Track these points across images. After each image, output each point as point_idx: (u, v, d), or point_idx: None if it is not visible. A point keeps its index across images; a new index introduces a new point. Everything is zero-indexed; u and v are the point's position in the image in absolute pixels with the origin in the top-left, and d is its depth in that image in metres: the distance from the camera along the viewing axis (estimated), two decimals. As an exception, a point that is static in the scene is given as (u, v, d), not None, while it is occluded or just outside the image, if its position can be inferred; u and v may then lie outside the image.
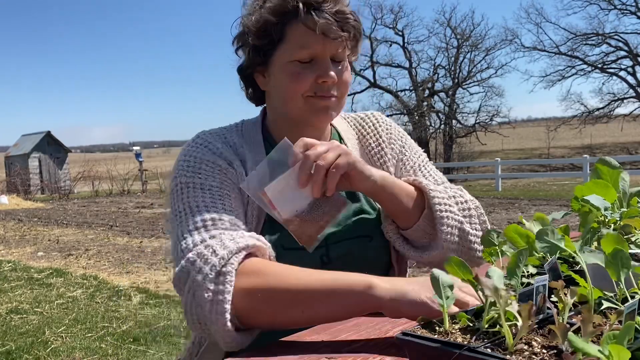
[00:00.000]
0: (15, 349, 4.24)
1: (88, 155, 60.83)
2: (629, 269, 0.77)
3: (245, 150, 1.22)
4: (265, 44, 1.17)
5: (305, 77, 1.15)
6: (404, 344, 0.70)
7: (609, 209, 1.07)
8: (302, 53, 1.15)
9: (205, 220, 1.04)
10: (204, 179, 1.11)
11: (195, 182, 1.10)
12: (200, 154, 1.16)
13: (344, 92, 1.22)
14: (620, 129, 35.59)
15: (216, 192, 1.10)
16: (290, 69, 1.16)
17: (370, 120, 1.39)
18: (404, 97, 33.16)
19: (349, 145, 1.33)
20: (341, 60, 1.19)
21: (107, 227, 12.31)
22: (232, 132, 1.26)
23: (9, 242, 10.50)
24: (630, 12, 30.17)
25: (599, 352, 0.52)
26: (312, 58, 1.16)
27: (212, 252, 0.96)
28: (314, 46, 1.14)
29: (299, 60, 1.15)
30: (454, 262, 0.79)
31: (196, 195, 1.08)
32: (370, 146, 1.35)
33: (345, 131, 1.37)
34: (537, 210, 11.56)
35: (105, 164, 28.87)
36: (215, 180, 1.12)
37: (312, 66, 1.16)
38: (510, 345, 0.62)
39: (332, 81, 1.16)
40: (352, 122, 1.40)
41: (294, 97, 1.17)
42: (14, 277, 6.99)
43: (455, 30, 32.91)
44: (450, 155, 31.59)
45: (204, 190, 1.09)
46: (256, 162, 1.18)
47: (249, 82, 1.28)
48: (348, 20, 1.15)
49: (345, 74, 1.21)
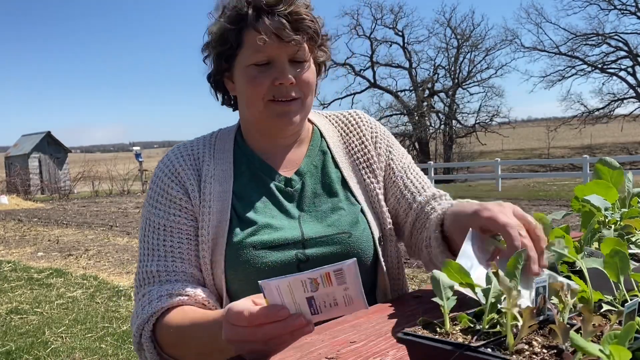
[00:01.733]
0: (15, 349, 4.24)
1: (88, 156, 60.88)
2: (627, 271, 0.77)
3: (208, 160, 1.28)
4: (226, 49, 1.21)
5: (261, 80, 1.17)
6: (405, 344, 0.70)
7: (609, 209, 1.07)
8: (257, 56, 1.17)
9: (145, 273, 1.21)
10: (157, 216, 1.24)
11: (151, 219, 1.25)
12: (161, 180, 1.26)
13: (307, 93, 1.22)
14: (620, 129, 35.60)
15: (162, 232, 1.23)
16: (248, 73, 1.19)
17: (353, 118, 1.40)
18: (404, 97, 33.19)
19: (331, 144, 1.35)
20: (302, 61, 1.20)
21: (107, 227, 12.30)
22: (203, 142, 1.32)
23: (8, 242, 10.50)
24: (630, 12, 30.18)
25: (600, 351, 0.52)
26: (269, 61, 1.18)
27: (135, 319, 1.16)
28: (269, 49, 1.16)
29: (255, 63, 1.18)
30: (451, 267, 0.79)
31: (148, 236, 1.24)
32: (353, 144, 1.36)
33: (327, 129, 1.38)
34: (537, 210, 11.57)
35: (105, 164, 28.90)
36: (164, 216, 1.23)
37: (269, 69, 1.18)
38: (511, 345, 0.62)
39: (289, 82, 1.17)
40: (334, 120, 1.41)
41: (254, 101, 1.20)
42: (14, 277, 6.99)
43: (455, 30, 32.95)
44: (450, 156, 31.59)
45: (155, 229, 1.24)
46: (221, 170, 1.26)
47: (220, 88, 1.31)
48: (303, 21, 1.16)
49: (307, 74, 1.21)
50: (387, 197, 1.35)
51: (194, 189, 1.24)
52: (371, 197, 1.32)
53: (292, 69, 1.19)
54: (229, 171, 1.27)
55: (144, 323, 1.13)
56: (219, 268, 1.19)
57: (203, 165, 1.27)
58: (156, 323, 1.14)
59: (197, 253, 1.22)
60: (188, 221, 1.23)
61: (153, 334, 1.14)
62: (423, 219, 1.27)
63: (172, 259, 1.21)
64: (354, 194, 1.30)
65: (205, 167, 1.27)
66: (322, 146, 1.35)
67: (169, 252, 1.21)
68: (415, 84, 32.81)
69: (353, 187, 1.31)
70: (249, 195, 1.25)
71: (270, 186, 1.27)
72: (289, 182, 1.28)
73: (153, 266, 1.21)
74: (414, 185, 1.34)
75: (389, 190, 1.35)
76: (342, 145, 1.36)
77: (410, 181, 1.34)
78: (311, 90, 1.24)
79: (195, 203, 1.23)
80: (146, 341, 1.13)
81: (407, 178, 1.35)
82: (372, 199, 1.32)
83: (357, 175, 1.33)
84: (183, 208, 1.23)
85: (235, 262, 1.18)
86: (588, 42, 31.39)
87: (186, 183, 1.24)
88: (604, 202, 1.06)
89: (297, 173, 1.29)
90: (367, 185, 1.33)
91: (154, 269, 1.20)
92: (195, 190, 1.24)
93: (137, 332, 1.14)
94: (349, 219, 1.25)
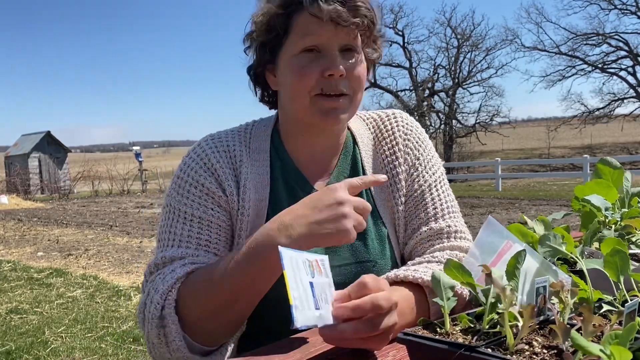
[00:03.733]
0: (15, 349, 4.24)
1: (88, 155, 60.88)
2: (627, 271, 0.77)
3: (246, 161, 1.16)
4: (271, 39, 1.11)
5: (310, 70, 1.07)
6: (406, 344, 0.70)
7: (609, 209, 1.07)
8: (305, 41, 1.07)
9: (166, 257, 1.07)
10: (189, 206, 1.11)
11: (182, 209, 1.11)
12: (194, 171, 1.14)
13: (356, 89, 1.11)
14: (621, 129, 35.58)
15: (196, 224, 1.10)
16: (295, 63, 1.08)
17: (389, 122, 1.26)
18: (404, 97, 33.19)
19: (363, 152, 1.23)
20: (353, 51, 1.10)
21: (107, 227, 12.30)
22: (239, 137, 1.20)
23: (8, 242, 10.50)
24: (631, 12, 30.18)
25: (601, 351, 0.52)
26: (318, 48, 1.07)
27: (153, 294, 1.01)
28: (320, 33, 1.06)
29: (304, 49, 1.07)
30: (452, 266, 0.79)
31: (176, 227, 1.11)
32: (384, 154, 1.24)
33: (362, 135, 1.26)
34: (537, 210, 11.57)
35: (105, 164, 28.90)
36: (198, 208, 1.11)
37: (318, 59, 1.07)
38: (511, 345, 0.62)
39: (340, 73, 1.06)
40: (370, 124, 1.28)
41: (300, 95, 1.09)
42: (13, 277, 6.99)
43: (456, 30, 32.94)
44: (450, 155, 31.59)
45: (186, 220, 1.11)
46: (258, 174, 1.16)
47: (260, 82, 1.20)
48: (359, 8, 1.06)
49: (358, 68, 1.10)
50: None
51: (232, 192, 1.13)
52: (396, 220, 1.21)
53: (343, 60, 1.08)
54: (266, 176, 1.17)
55: (168, 290, 1.00)
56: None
57: (241, 167, 1.16)
58: (181, 289, 1.00)
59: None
60: (226, 219, 1.12)
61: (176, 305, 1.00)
62: (412, 257, 1.18)
63: (205, 250, 1.09)
64: (380, 215, 1.20)
65: (243, 170, 1.15)
66: (355, 153, 1.24)
67: (202, 245, 1.09)
68: (415, 84, 32.80)
69: (380, 207, 1.20)
70: (282, 207, 1.11)
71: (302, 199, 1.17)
72: None
73: (178, 252, 1.07)
74: (426, 211, 1.19)
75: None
76: (374, 156, 1.24)
77: (423, 206, 1.19)
78: (361, 87, 1.12)
79: (233, 207, 1.13)
80: (171, 311, 0.98)
81: (421, 201, 1.20)
82: (396, 222, 1.21)
83: (384, 193, 1.22)
84: (222, 205, 1.12)
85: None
86: (588, 41, 31.40)
87: (224, 183, 1.13)
88: (604, 202, 1.06)
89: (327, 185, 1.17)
90: (392, 206, 1.21)
91: (177, 255, 1.06)
92: (234, 194, 1.13)
93: (158, 304, 0.99)
94: (376, 247, 1.17)
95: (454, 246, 1.14)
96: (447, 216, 1.19)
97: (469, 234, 1.21)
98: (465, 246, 1.14)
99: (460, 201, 1.64)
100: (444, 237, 1.16)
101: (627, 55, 30.77)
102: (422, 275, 1.01)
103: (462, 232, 1.18)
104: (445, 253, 1.12)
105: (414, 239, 1.18)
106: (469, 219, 9.89)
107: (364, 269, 1.15)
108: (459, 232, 1.18)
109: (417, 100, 32.44)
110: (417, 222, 1.19)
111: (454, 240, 1.16)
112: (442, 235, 1.16)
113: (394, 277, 1.03)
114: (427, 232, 1.17)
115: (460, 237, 1.17)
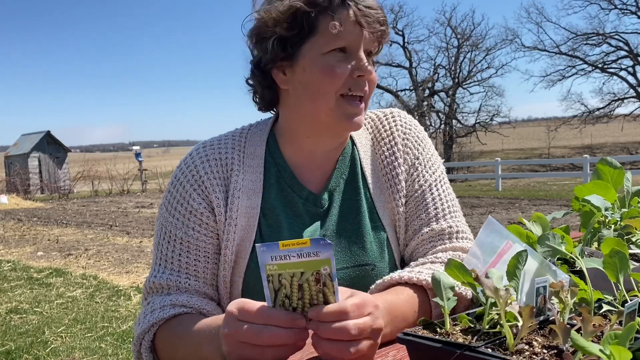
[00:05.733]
0: (15, 348, 4.24)
1: (88, 155, 60.90)
2: (627, 271, 0.77)
3: (237, 170, 1.16)
4: (293, 35, 1.07)
5: (342, 70, 1.06)
6: (406, 344, 0.70)
7: (609, 209, 1.07)
8: (337, 41, 1.06)
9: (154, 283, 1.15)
10: (174, 226, 1.15)
11: (168, 227, 1.16)
12: (182, 186, 1.16)
13: (371, 92, 1.13)
14: (621, 129, 35.59)
15: (178, 245, 1.15)
16: (325, 62, 1.06)
17: (387, 122, 1.25)
18: (404, 96, 33.18)
19: (362, 153, 1.22)
20: (372, 55, 1.12)
21: (107, 227, 12.30)
22: (232, 143, 1.18)
23: (8, 241, 10.49)
24: (631, 12, 30.18)
25: (601, 351, 0.52)
26: (346, 50, 1.07)
27: (139, 324, 1.11)
28: (351, 37, 1.06)
29: (335, 49, 1.06)
30: (453, 265, 0.79)
31: (163, 245, 1.17)
32: (383, 154, 1.22)
33: (360, 135, 1.25)
34: (537, 210, 11.56)
35: (105, 164, 28.87)
36: (182, 229, 1.14)
37: (347, 59, 1.07)
38: (510, 346, 0.62)
39: (369, 77, 1.09)
40: (368, 124, 1.27)
41: (326, 94, 1.07)
42: (13, 276, 6.99)
43: (456, 29, 32.93)
44: (450, 155, 31.58)
45: (171, 240, 1.15)
46: (251, 181, 1.15)
47: (266, 80, 1.14)
48: (379, 16, 1.09)
49: (374, 73, 1.12)
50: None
51: (220, 203, 1.13)
52: (396, 222, 1.19)
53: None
54: (259, 183, 1.16)
55: (144, 333, 1.09)
56: (237, 289, 1.14)
57: (232, 175, 1.15)
58: (157, 333, 1.09)
59: (214, 271, 1.15)
60: (208, 238, 1.14)
61: (153, 344, 1.09)
62: (414, 258, 1.17)
63: (185, 275, 1.14)
64: (380, 217, 1.18)
65: (234, 178, 1.15)
66: (354, 155, 1.23)
67: (183, 268, 1.14)
68: (415, 84, 32.79)
69: (379, 209, 1.19)
70: (276, 213, 1.15)
71: (297, 204, 1.16)
72: (317, 201, 1.17)
73: (164, 279, 1.13)
74: (427, 212, 1.18)
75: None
76: (373, 156, 1.23)
77: (423, 206, 1.18)
78: (373, 90, 1.14)
79: (219, 219, 1.13)
80: (145, 351, 1.09)
81: (421, 202, 1.19)
82: (397, 224, 1.19)
83: (383, 195, 1.20)
84: (204, 224, 1.14)
85: (252, 287, 1.12)
86: (588, 41, 31.38)
87: (211, 195, 1.13)
88: (604, 202, 1.06)
89: (325, 189, 1.18)
90: (393, 208, 1.19)
91: (164, 282, 1.13)
92: (221, 205, 1.13)
93: (137, 342, 1.10)
94: (375, 250, 1.16)
95: (457, 247, 1.14)
96: (448, 216, 1.18)
97: (471, 233, 1.20)
98: (468, 247, 1.14)
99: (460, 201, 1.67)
100: (446, 238, 1.15)
101: (627, 55, 30.77)
102: (427, 277, 1.02)
103: (464, 232, 1.18)
104: (448, 254, 1.12)
105: (415, 240, 1.17)
106: (469, 219, 9.89)
107: (363, 272, 1.14)
108: (461, 232, 1.17)
109: (417, 100, 32.43)
110: (418, 223, 1.18)
111: (456, 241, 1.15)
112: (443, 237, 1.15)
113: (398, 278, 1.03)
114: (429, 233, 1.16)
115: (462, 237, 1.17)
